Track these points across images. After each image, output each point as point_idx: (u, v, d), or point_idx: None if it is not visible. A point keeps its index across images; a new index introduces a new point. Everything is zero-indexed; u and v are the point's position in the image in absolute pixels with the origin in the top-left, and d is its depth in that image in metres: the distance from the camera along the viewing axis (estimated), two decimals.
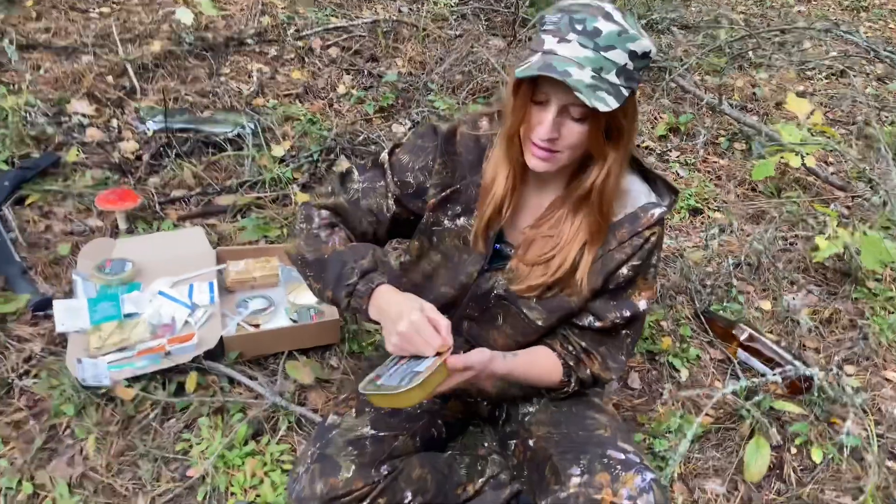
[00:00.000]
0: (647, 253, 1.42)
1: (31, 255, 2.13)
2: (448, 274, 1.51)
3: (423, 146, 1.48)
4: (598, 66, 1.18)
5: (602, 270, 1.42)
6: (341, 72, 3.39)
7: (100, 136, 2.60)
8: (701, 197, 3.00)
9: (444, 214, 1.48)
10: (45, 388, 1.80)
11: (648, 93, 3.65)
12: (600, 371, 1.54)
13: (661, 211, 1.41)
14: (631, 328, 1.53)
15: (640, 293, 1.48)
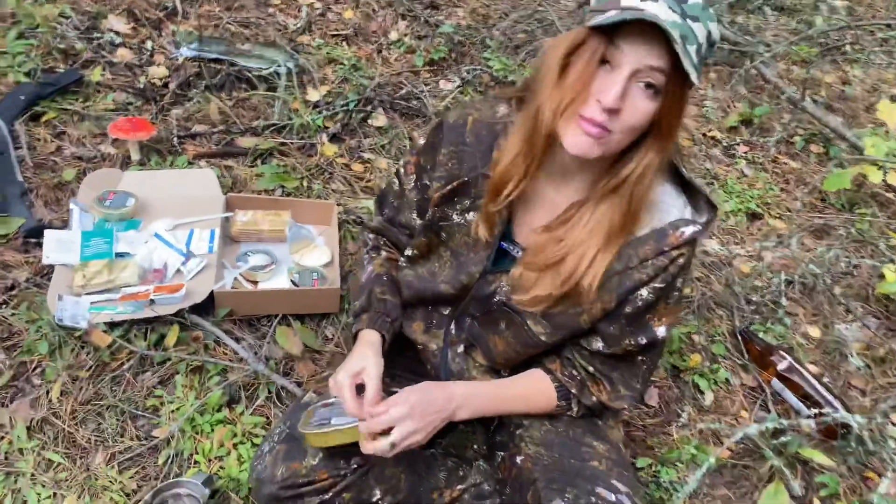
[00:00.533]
0: (672, 276, 1.23)
1: (36, 176, 2.04)
2: (451, 271, 1.35)
3: (432, 143, 1.33)
4: (683, 34, 0.99)
5: (618, 290, 1.23)
6: (397, 16, 3.19)
7: (130, 58, 2.48)
8: (763, 201, 2.73)
9: (452, 209, 1.32)
10: (22, 321, 1.71)
11: (724, 77, 3.34)
12: (609, 400, 1.37)
13: (694, 230, 1.20)
14: (647, 355, 1.35)
15: (661, 318, 1.29)
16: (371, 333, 1.35)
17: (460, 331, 1.41)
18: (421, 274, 1.40)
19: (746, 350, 2.14)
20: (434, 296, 1.38)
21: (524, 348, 1.36)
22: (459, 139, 1.27)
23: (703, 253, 2.44)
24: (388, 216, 1.46)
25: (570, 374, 1.36)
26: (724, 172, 2.85)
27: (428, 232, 1.36)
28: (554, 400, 1.38)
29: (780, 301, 2.28)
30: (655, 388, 2.00)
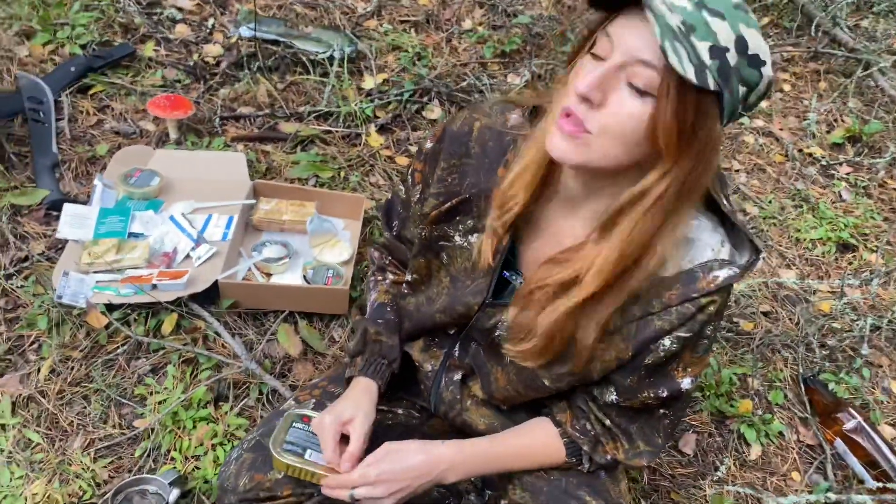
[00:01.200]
0: (700, 325, 1.02)
1: (71, 148, 2.04)
2: (447, 300, 1.20)
3: (434, 151, 1.17)
4: (690, 23, 0.80)
5: (635, 338, 1.03)
6: (474, 4, 3.03)
7: (187, 34, 2.46)
8: (859, 231, 2.40)
9: (453, 228, 1.16)
10: (29, 294, 1.70)
11: (834, 86, 2.98)
12: (626, 458, 1.18)
13: (729, 274, 0.98)
14: (670, 409, 1.15)
15: (686, 369, 1.08)
16: (362, 381, 1.23)
17: (464, 354, 1.26)
18: (420, 302, 1.25)
19: (810, 402, 1.87)
20: (433, 325, 1.24)
21: (525, 390, 1.20)
22: (462, 150, 1.11)
23: (775, 284, 2.16)
24: (396, 230, 1.32)
25: (583, 427, 1.18)
26: (818, 195, 2.53)
27: (427, 252, 1.21)
28: (562, 457, 1.21)
29: (861, 348, 1.98)
30: (693, 434, 1.77)
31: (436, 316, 1.21)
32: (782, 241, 2.34)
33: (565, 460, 1.20)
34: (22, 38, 2.29)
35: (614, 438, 1.17)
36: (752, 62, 0.83)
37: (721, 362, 1.91)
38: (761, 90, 0.86)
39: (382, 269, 1.35)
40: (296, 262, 1.88)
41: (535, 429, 1.23)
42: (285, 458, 1.13)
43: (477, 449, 1.19)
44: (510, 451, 1.21)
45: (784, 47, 3.14)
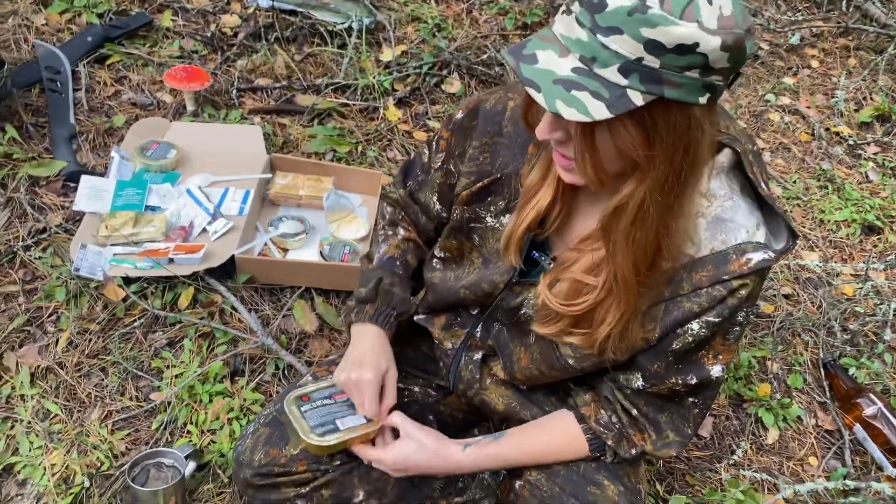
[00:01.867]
0: (731, 310, 1.00)
1: (89, 120, 2.03)
2: (474, 277, 1.19)
3: (466, 126, 1.16)
4: (591, 56, 0.79)
5: (663, 320, 1.02)
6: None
7: (204, 4, 2.43)
8: (885, 213, 2.35)
9: (484, 210, 1.16)
10: (47, 265, 1.71)
11: (864, 63, 2.90)
12: (654, 449, 1.16)
13: (764, 257, 0.96)
14: (699, 396, 1.13)
15: (717, 356, 1.07)
16: (373, 329, 1.22)
17: (486, 335, 1.25)
18: (447, 277, 1.25)
19: (830, 386, 1.84)
20: (456, 301, 1.23)
21: (549, 370, 1.18)
22: (495, 129, 1.10)
23: (797, 266, 2.12)
24: (410, 189, 1.31)
25: (609, 421, 1.17)
26: (844, 175, 2.47)
27: (458, 234, 1.21)
28: (585, 451, 1.19)
29: (884, 333, 1.94)
30: (710, 417, 1.76)
31: (461, 291, 1.21)
32: (806, 222, 2.30)
33: (588, 454, 1.19)
34: (39, 6, 2.28)
35: (641, 430, 1.16)
36: (679, 51, 0.77)
37: (741, 345, 1.89)
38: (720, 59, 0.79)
39: (394, 223, 1.33)
40: (312, 238, 1.87)
41: (557, 425, 1.21)
42: (328, 440, 1.13)
43: (497, 452, 1.19)
44: (531, 452, 1.20)
45: (813, 22, 3.06)
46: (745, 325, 1.05)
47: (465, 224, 1.18)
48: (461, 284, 1.21)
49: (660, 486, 1.61)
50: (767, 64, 2.90)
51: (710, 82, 0.81)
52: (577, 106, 0.79)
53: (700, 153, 0.87)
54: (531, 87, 0.80)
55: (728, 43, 0.78)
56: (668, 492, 1.60)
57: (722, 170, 0.98)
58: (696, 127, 0.84)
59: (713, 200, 0.98)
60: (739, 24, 0.79)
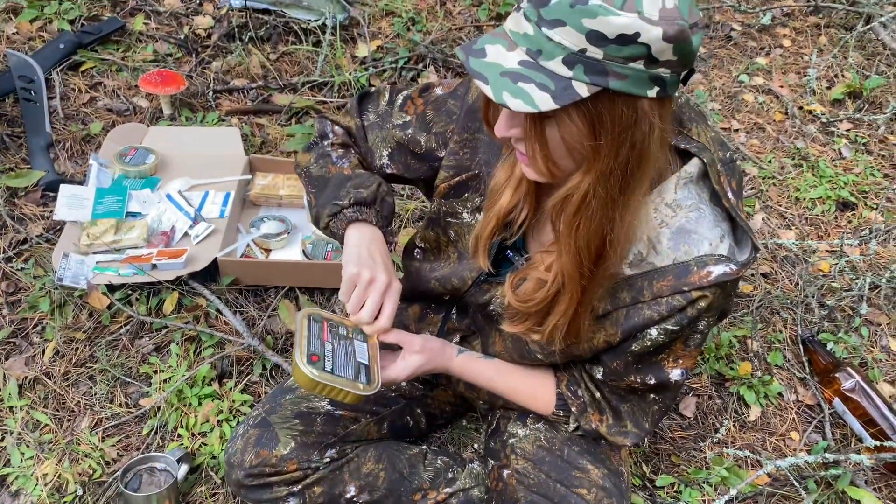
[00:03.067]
0: (691, 320, 1.02)
1: (65, 128, 2.02)
2: (446, 272, 1.22)
3: (450, 109, 1.16)
4: (536, 48, 0.81)
5: (624, 325, 1.05)
6: None
7: (177, 6, 2.42)
8: (859, 188, 2.39)
9: (461, 205, 1.18)
10: (29, 276, 1.71)
11: (835, 41, 2.94)
12: (609, 433, 1.21)
13: (724, 271, 0.98)
14: (659, 395, 1.17)
15: (676, 360, 1.10)
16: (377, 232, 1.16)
17: (462, 318, 1.28)
18: (422, 268, 1.27)
19: (809, 362, 1.88)
20: (426, 290, 1.26)
21: (520, 358, 1.24)
22: (476, 125, 1.12)
23: (775, 245, 2.16)
24: (364, 124, 1.23)
25: (575, 392, 1.22)
26: (818, 153, 2.51)
27: (435, 226, 1.23)
28: (552, 406, 1.25)
29: (860, 307, 1.98)
30: (693, 398, 1.79)
31: (431, 282, 1.24)
32: (782, 200, 2.34)
33: (554, 412, 1.24)
34: (8, 14, 2.26)
35: (601, 411, 1.20)
36: (620, 42, 0.79)
37: (721, 326, 1.92)
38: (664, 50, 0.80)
39: (345, 146, 1.24)
40: (294, 237, 1.88)
41: (537, 373, 1.26)
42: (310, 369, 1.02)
43: (481, 368, 1.25)
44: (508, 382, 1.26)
45: (784, 1, 3.09)
46: (707, 334, 1.08)
47: (442, 218, 1.20)
48: (433, 276, 1.24)
49: (646, 467, 1.64)
50: (740, 45, 2.93)
51: (657, 75, 0.82)
52: (524, 97, 0.81)
53: (648, 148, 0.88)
54: (479, 79, 0.82)
55: (670, 34, 0.79)
56: (655, 472, 1.63)
57: (690, 180, 0.99)
58: (644, 120, 0.85)
59: (678, 211, 0.99)
60: (683, 17, 0.80)
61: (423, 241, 1.27)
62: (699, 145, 0.99)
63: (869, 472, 1.64)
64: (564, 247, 0.96)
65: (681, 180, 0.99)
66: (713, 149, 1.00)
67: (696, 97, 2.60)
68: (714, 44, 2.90)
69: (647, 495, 1.58)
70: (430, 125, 1.17)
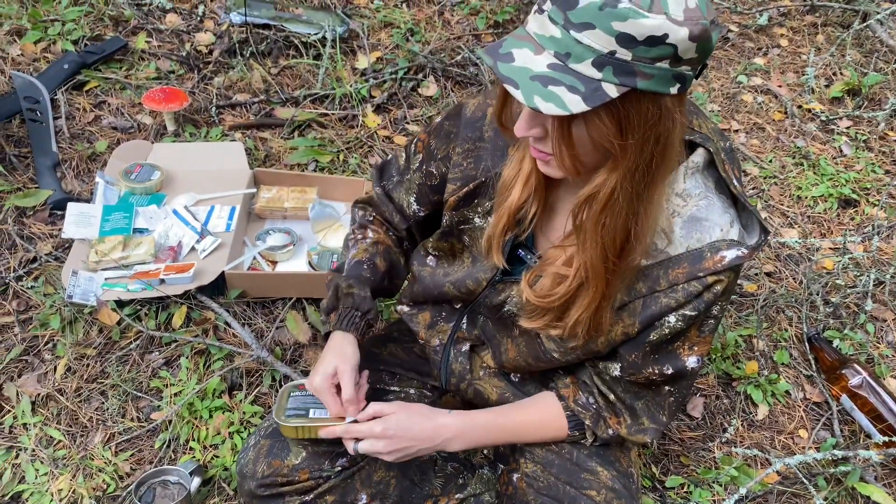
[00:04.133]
0: (707, 305, 1.04)
1: (71, 147, 2.05)
2: (460, 274, 1.23)
3: (448, 130, 1.19)
4: (565, 51, 0.82)
5: (642, 314, 1.06)
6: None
7: (178, 24, 2.45)
8: (861, 185, 2.40)
9: (472, 212, 1.19)
10: (40, 294, 1.73)
11: (833, 39, 2.95)
12: (629, 434, 1.21)
13: (737, 254, 1.00)
14: (675, 385, 1.17)
15: (692, 348, 1.11)
16: (337, 334, 1.25)
17: (472, 327, 1.29)
18: (437, 272, 1.28)
19: (815, 359, 1.89)
20: (439, 294, 1.27)
21: (535, 362, 1.23)
22: (476, 135, 1.14)
23: (778, 244, 2.17)
24: (385, 188, 1.33)
25: (586, 402, 1.22)
26: (819, 151, 2.52)
27: (449, 237, 1.24)
28: (565, 429, 1.25)
29: (865, 304, 1.99)
30: (701, 398, 1.80)
31: (446, 286, 1.24)
32: (784, 200, 2.35)
33: (568, 433, 1.24)
34: (13, 36, 2.29)
35: (617, 413, 1.20)
36: (649, 43, 0.80)
37: (726, 325, 1.93)
38: (689, 49, 0.82)
39: (364, 226, 1.35)
40: (300, 249, 1.90)
41: (539, 402, 1.26)
42: (291, 422, 1.18)
43: (481, 420, 1.23)
44: (514, 423, 1.25)
45: (780, 1, 3.11)
46: (720, 319, 1.09)
47: (455, 227, 1.21)
48: (448, 280, 1.24)
49: (655, 468, 1.64)
50: (738, 46, 2.95)
51: (681, 72, 0.84)
52: (555, 101, 0.81)
53: (671, 142, 0.90)
54: (509, 84, 0.83)
55: (695, 33, 0.81)
56: (664, 473, 1.64)
57: (697, 169, 1.02)
58: (667, 117, 0.87)
59: (688, 200, 1.01)
60: (705, 15, 0.82)
61: (436, 250, 1.28)
62: (703, 136, 1.02)
63: (878, 468, 1.65)
64: (590, 242, 0.97)
65: (688, 170, 1.01)
66: (715, 139, 1.03)
67: (696, 98, 2.61)
68: None
69: (658, 496, 1.59)
70: (436, 152, 1.20)
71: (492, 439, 1.25)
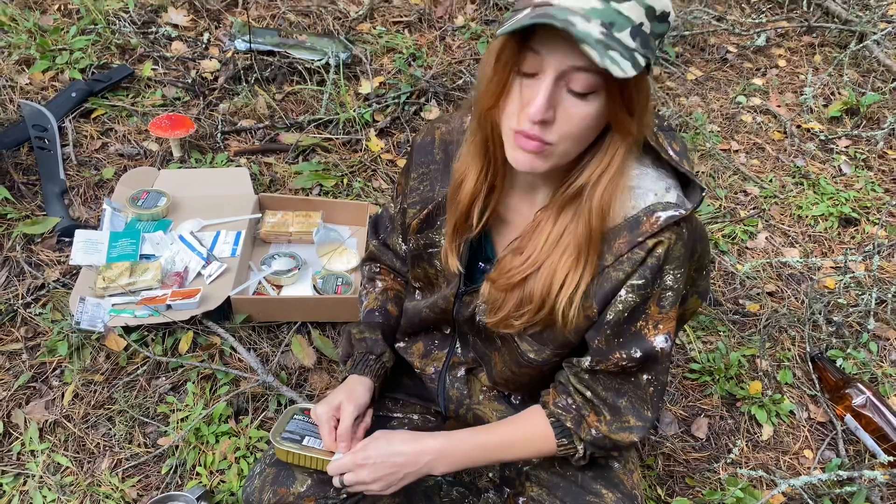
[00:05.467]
0: (654, 271, 1.03)
1: (78, 174, 2.07)
2: (433, 297, 1.24)
3: (407, 165, 1.23)
4: (609, 21, 0.84)
5: (597, 294, 1.05)
6: (465, 0, 3.04)
7: (183, 51, 2.48)
8: (861, 204, 2.41)
9: (436, 234, 1.20)
10: (47, 321, 1.75)
11: (830, 59, 2.98)
12: (610, 432, 1.17)
13: (671, 214, 1.01)
14: (650, 372, 1.14)
15: (656, 326, 1.09)
16: (350, 378, 1.28)
17: (466, 349, 1.30)
18: (419, 303, 1.30)
19: (819, 379, 1.89)
20: (420, 321, 1.29)
21: (518, 368, 1.22)
22: (428, 159, 1.16)
23: (779, 264, 2.18)
24: (382, 239, 1.39)
25: (566, 403, 1.19)
26: (818, 170, 2.54)
27: (420, 262, 1.25)
28: (552, 439, 1.21)
29: (867, 323, 2.00)
30: (705, 419, 1.80)
31: (423, 312, 1.26)
32: (784, 219, 2.36)
33: (558, 443, 1.20)
34: (22, 66, 2.33)
35: (596, 411, 1.16)
36: (661, 19, 0.87)
37: (729, 345, 1.94)
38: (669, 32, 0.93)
39: (371, 279, 1.41)
40: (305, 273, 1.92)
41: (524, 416, 1.24)
42: (283, 445, 1.19)
43: (464, 439, 1.20)
44: (499, 439, 1.21)
45: (778, 23, 3.14)
46: (678, 290, 1.07)
47: (424, 251, 1.22)
48: (423, 305, 1.26)
49: (661, 489, 1.65)
50: (736, 66, 2.98)
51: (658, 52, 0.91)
52: (615, 64, 0.82)
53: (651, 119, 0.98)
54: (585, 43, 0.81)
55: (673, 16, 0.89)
56: (670, 495, 1.64)
57: None
58: (649, 91, 0.93)
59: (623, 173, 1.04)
60: None
61: (416, 280, 1.30)
62: None
63: (884, 489, 1.65)
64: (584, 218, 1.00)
65: None
66: None
67: (695, 119, 2.64)
68: (710, 66, 2.95)
69: None
70: (405, 189, 1.23)
71: (477, 458, 1.22)
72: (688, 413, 1.81)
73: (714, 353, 1.91)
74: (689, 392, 1.86)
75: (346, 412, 1.19)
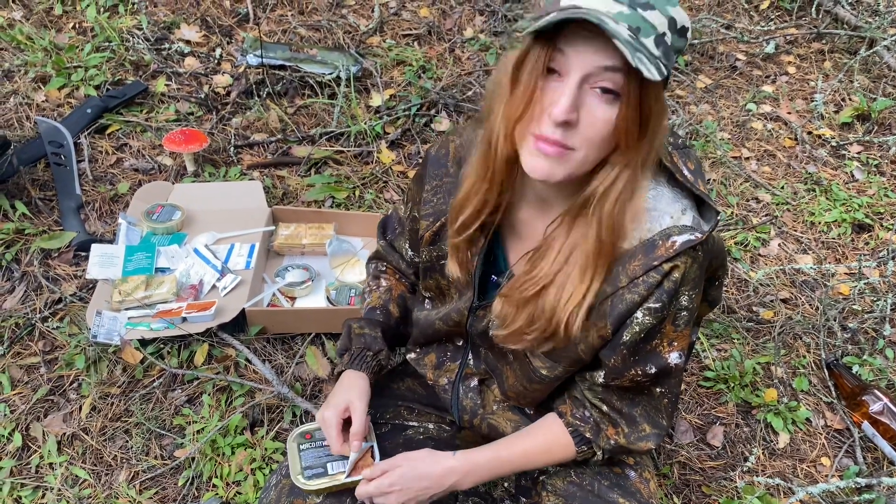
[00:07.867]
0: (670, 294, 1.03)
1: (94, 189, 2.10)
2: (446, 309, 1.25)
3: (420, 174, 1.23)
4: (636, 26, 0.86)
5: (611, 315, 1.05)
6: (475, 12, 3.06)
7: (196, 67, 2.51)
8: (874, 210, 2.40)
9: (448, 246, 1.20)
10: (65, 335, 1.76)
11: (840, 66, 2.98)
12: (629, 443, 1.19)
13: (688, 238, 1.00)
14: (664, 386, 1.15)
15: (671, 343, 1.09)
16: (348, 373, 1.28)
17: (479, 361, 1.30)
18: (430, 313, 1.30)
19: (835, 386, 1.88)
20: (433, 333, 1.29)
21: (530, 383, 1.23)
22: (442, 171, 1.17)
23: (793, 270, 2.17)
24: (389, 240, 1.39)
25: (583, 415, 1.21)
26: (830, 176, 2.53)
27: (432, 273, 1.26)
28: (572, 446, 1.23)
29: (883, 329, 1.99)
30: (720, 427, 1.79)
31: (436, 323, 1.27)
32: (797, 226, 2.36)
33: (577, 450, 1.21)
34: (38, 83, 2.36)
35: (614, 423, 1.17)
36: (681, 34, 0.89)
37: (743, 353, 1.93)
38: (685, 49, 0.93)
39: (377, 277, 1.41)
40: (318, 285, 1.93)
41: (542, 426, 1.24)
42: (312, 484, 1.18)
43: (486, 457, 1.21)
44: (520, 452, 1.23)
45: (786, 30, 3.14)
46: (693, 309, 1.07)
47: (436, 262, 1.23)
48: (437, 317, 1.26)
49: (677, 498, 1.64)
50: (746, 74, 2.98)
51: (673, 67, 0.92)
52: (644, 66, 0.83)
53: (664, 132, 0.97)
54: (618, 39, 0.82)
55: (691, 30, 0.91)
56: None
57: None
58: (665, 108, 0.94)
59: None
60: None
61: (427, 290, 1.31)
62: None
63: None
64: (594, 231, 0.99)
65: None
66: None
67: (706, 128, 2.64)
68: (720, 74, 2.96)
69: None
70: (416, 198, 1.24)
71: (499, 472, 1.24)
72: (703, 421, 1.81)
73: (728, 361, 1.90)
74: (704, 400, 1.85)
75: (359, 411, 1.20)
